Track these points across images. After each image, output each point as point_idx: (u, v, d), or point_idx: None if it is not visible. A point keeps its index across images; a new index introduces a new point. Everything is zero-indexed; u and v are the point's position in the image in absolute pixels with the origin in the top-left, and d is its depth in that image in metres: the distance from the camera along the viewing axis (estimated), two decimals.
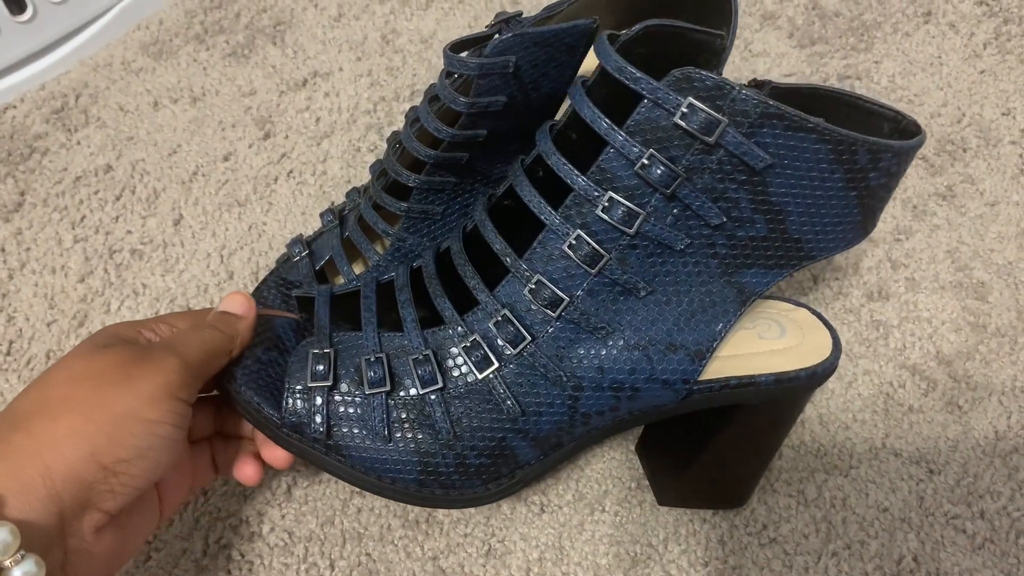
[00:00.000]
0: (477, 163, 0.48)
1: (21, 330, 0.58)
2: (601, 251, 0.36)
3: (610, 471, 0.51)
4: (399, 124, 0.69)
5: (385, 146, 0.65)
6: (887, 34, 0.73)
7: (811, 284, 0.59)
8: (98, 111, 0.71)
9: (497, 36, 0.44)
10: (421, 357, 0.40)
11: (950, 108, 0.68)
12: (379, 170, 0.52)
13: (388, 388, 0.40)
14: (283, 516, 0.49)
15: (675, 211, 0.35)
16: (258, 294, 0.55)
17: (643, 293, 0.37)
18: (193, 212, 0.64)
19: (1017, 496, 0.50)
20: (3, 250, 0.62)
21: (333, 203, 0.63)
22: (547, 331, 0.39)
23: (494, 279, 0.40)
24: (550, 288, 0.37)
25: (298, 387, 0.41)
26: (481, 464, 0.41)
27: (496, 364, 0.39)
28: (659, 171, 0.34)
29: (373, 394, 0.40)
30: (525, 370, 0.39)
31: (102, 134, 0.70)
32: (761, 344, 0.43)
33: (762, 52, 0.72)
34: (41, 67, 0.74)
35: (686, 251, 0.37)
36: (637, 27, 0.36)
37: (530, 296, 0.38)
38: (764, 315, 0.45)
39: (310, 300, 0.46)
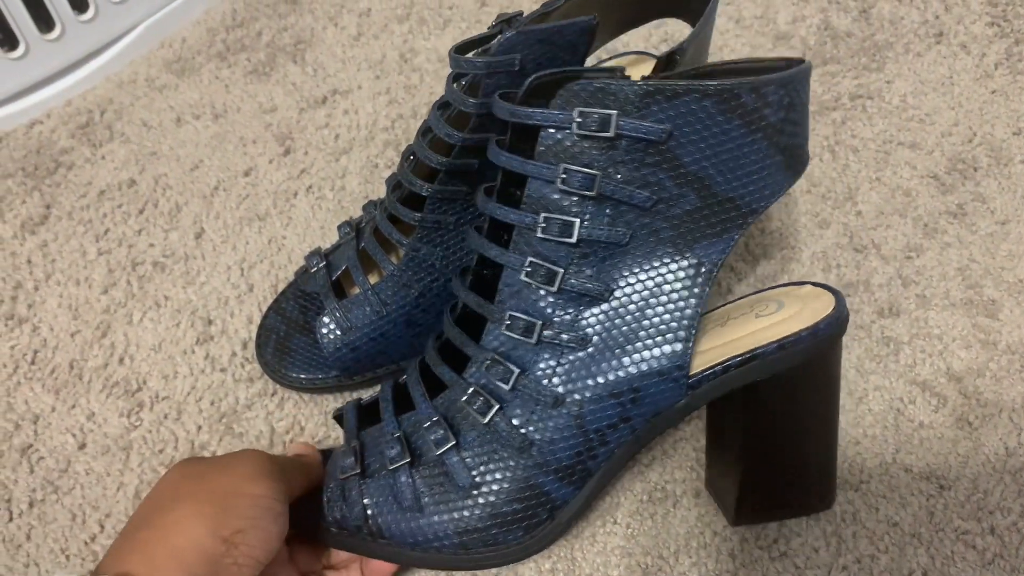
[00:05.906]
0: (488, 171, 0.49)
1: (45, 340, 0.59)
2: (555, 268, 0.38)
3: (622, 483, 0.51)
4: None
5: None
6: (899, 54, 0.74)
7: None
8: (122, 127, 0.73)
9: (501, 35, 0.45)
10: (431, 423, 0.42)
11: (961, 127, 0.69)
12: (394, 183, 0.53)
13: (408, 459, 0.42)
14: None
15: (608, 211, 0.37)
16: (277, 306, 0.56)
17: (609, 296, 0.39)
18: (214, 226, 0.66)
19: None
20: (29, 262, 0.64)
21: (351, 217, 0.64)
22: (534, 360, 0.40)
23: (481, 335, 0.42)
24: (523, 318, 0.39)
25: (332, 484, 0.44)
26: (515, 511, 0.41)
27: (497, 406, 0.40)
28: (578, 179, 0.36)
29: (396, 468, 0.42)
30: (526, 402, 0.40)
31: (126, 149, 0.71)
32: (758, 323, 0.43)
33: None
34: (67, 83, 0.76)
35: (631, 245, 0.38)
36: (528, 81, 0.39)
37: (508, 332, 0.40)
38: (764, 297, 0.45)
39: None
